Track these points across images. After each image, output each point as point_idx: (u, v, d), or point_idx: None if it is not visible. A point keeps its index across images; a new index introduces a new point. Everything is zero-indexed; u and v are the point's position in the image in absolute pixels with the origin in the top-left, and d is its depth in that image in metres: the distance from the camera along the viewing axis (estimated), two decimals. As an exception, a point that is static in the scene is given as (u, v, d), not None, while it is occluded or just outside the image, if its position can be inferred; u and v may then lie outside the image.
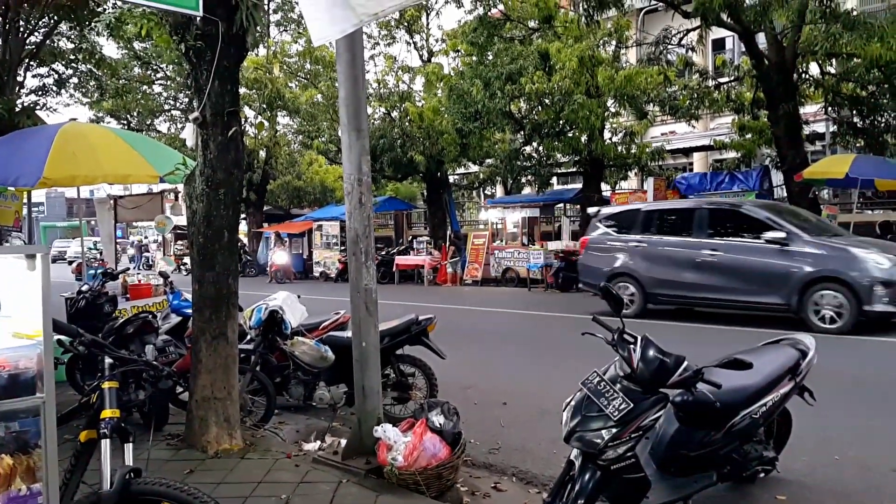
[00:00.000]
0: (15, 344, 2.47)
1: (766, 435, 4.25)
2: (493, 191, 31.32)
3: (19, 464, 2.40)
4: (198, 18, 4.86)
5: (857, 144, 16.47)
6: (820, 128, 19.11)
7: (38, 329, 2.42)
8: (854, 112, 16.01)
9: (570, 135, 19.23)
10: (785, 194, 16.44)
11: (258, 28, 5.29)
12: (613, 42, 19.60)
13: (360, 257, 4.82)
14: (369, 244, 4.86)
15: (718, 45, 24.48)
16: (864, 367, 7.92)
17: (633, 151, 19.74)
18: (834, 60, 15.66)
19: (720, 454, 3.74)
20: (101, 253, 14.05)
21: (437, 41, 25.50)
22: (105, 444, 2.84)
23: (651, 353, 3.29)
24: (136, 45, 25.43)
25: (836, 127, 17.28)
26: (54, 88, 15.56)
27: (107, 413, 2.91)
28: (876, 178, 13.75)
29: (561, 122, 18.56)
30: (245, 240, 29.51)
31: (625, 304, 6.93)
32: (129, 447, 2.92)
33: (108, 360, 3.09)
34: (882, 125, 15.52)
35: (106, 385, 3.00)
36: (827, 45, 13.46)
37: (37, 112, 13.19)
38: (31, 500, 2.46)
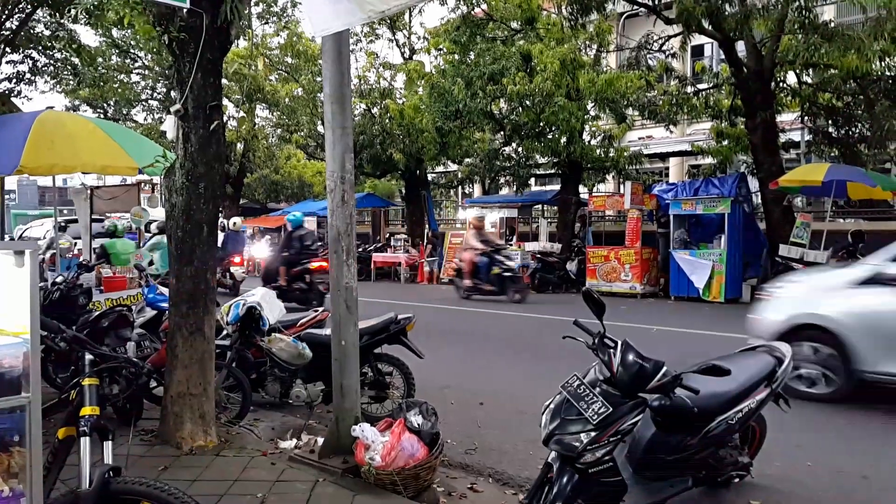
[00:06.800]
0: (-1, 342, 2.42)
1: (741, 440, 4.31)
2: (472, 190, 31.31)
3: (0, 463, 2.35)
4: (183, 10, 4.81)
5: (832, 154, 16.66)
6: (796, 136, 19.35)
7: (24, 326, 2.38)
8: (829, 122, 16.20)
9: (549, 136, 19.28)
10: (760, 201, 16.61)
11: (242, 21, 5.24)
12: (595, 46, 19.66)
13: (341, 255, 4.80)
14: (351, 242, 4.84)
15: (697, 51, 24.63)
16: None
17: (611, 155, 19.84)
18: (811, 70, 15.82)
19: (696, 459, 3.78)
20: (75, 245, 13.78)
21: (419, 39, 25.40)
22: (84, 442, 2.82)
23: (631, 357, 3.33)
24: (115, 32, 25.01)
25: (811, 136, 17.47)
26: (30, 76, 15.24)
27: (87, 410, 2.90)
28: (849, 180, 13.86)
29: (541, 123, 18.59)
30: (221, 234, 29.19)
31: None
32: (108, 445, 2.90)
33: (88, 357, 3.07)
34: (856, 136, 15.71)
35: (86, 382, 2.98)
36: (805, 56, 13.61)
37: (12, 99, 12.97)
38: (14, 501, 2.42)
